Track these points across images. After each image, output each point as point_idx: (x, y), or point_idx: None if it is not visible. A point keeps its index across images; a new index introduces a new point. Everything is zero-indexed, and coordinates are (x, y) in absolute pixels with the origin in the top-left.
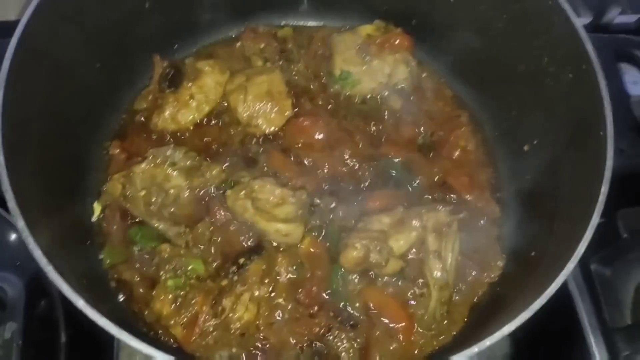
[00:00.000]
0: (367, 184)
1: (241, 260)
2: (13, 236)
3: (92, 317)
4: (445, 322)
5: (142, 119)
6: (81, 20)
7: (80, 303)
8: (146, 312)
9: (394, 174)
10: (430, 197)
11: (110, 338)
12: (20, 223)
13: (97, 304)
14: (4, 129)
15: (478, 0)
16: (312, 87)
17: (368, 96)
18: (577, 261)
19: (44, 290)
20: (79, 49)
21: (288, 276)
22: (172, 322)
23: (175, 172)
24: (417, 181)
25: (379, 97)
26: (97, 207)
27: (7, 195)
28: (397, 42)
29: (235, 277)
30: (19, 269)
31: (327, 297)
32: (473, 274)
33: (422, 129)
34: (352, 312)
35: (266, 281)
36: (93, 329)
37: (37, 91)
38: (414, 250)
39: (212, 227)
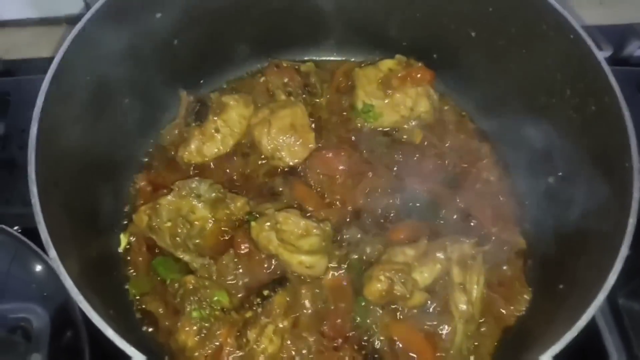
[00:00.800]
0: (390, 216)
1: (265, 292)
2: (39, 267)
3: (120, 346)
4: (471, 357)
5: (169, 152)
6: (112, 57)
7: (110, 332)
8: (171, 344)
9: (417, 206)
10: (454, 229)
11: None
12: (52, 253)
13: (124, 334)
14: (37, 163)
15: (498, 36)
16: (334, 120)
17: (390, 129)
18: (607, 292)
19: (70, 321)
20: (109, 85)
21: (312, 308)
22: (197, 354)
23: (201, 204)
24: (441, 213)
25: (401, 129)
26: (123, 238)
27: (40, 226)
28: (419, 75)
29: (260, 309)
30: (45, 300)
31: (352, 330)
32: (499, 307)
33: (445, 161)
34: (376, 345)
35: (290, 313)
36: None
37: (68, 126)
38: (438, 282)
39: (236, 259)
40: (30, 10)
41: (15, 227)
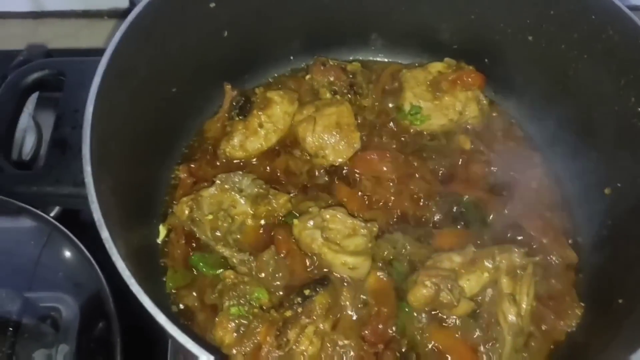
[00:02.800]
0: (435, 221)
1: (306, 292)
2: (71, 255)
3: (173, 334)
4: None
5: (211, 145)
6: (163, 44)
7: (162, 318)
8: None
9: (463, 213)
10: (501, 238)
11: None
12: (105, 234)
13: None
14: (92, 142)
15: (558, 41)
16: (380, 121)
17: (437, 132)
18: None
19: (101, 312)
20: (159, 72)
21: (353, 312)
22: (235, 351)
23: (242, 198)
24: (489, 221)
25: (448, 134)
26: (162, 230)
27: (93, 206)
28: (470, 79)
29: (300, 309)
30: (75, 289)
31: (394, 336)
32: (549, 321)
33: (493, 168)
34: (419, 354)
35: (331, 315)
36: (150, 353)
37: (118, 110)
38: (486, 292)
39: (276, 256)
40: (74, 2)
41: (52, 214)
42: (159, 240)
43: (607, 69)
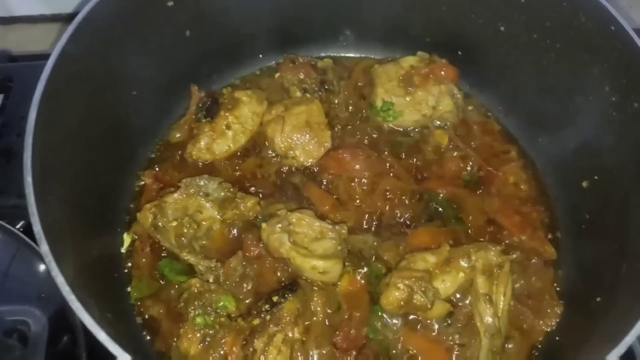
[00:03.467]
0: (410, 220)
1: (275, 298)
2: (40, 268)
3: (113, 352)
4: None
5: (177, 149)
6: (120, 45)
7: (102, 336)
8: (172, 352)
9: (439, 210)
10: (478, 236)
11: None
12: (44, 247)
13: (121, 340)
14: (34, 150)
15: (530, 30)
16: (352, 119)
17: (411, 129)
18: None
19: (68, 325)
20: (117, 75)
21: (324, 317)
22: None
23: (209, 203)
24: (464, 218)
25: (422, 130)
26: (127, 238)
27: (33, 218)
28: (443, 72)
29: (268, 316)
30: (43, 302)
31: (366, 342)
32: (527, 321)
33: (468, 163)
34: (393, 358)
35: (301, 322)
36: None
37: (71, 115)
38: (461, 293)
39: (244, 262)
40: (43, 7)
41: (18, 226)
42: (123, 249)
43: (580, 58)
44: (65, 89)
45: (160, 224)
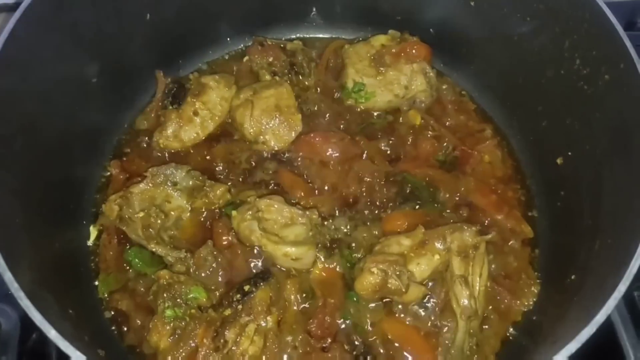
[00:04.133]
0: (384, 203)
1: (246, 287)
2: None
3: (64, 350)
4: (475, 356)
5: (144, 137)
6: (73, 30)
7: (52, 333)
8: (143, 345)
9: (413, 192)
10: (453, 217)
11: None
12: None
13: (82, 335)
14: None
15: (500, 3)
16: (323, 101)
17: (384, 109)
18: (628, 282)
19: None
20: (71, 62)
21: (298, 305)
22: (169, 357)
23: (177, 192)
24: (439, 199)
25: (396, 110)
26: (93, 231)
27: None
28: (414, 51)
29: (240, 306)
30: (13, 299)
31: (342, 328)
32: (504, 301)
33: (443, 143)
34: (369, 344)
35: (274, 310)
36: None
37: (23, 105)
38: (437, 275)
39: (215, 252)
40: None
41: None
42: (90, 243)
43: (551, 31)
44: (15, 78)
45: (126, 215)
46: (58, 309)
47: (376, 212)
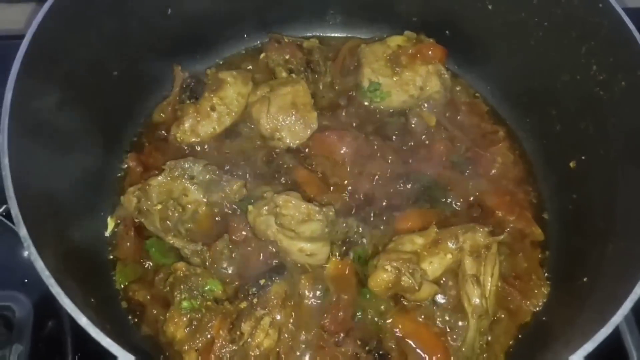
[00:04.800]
0: (397, 202)
1: (262, 281)
2: (25, 252)
3: (95, 337)
4: (485, 354)
5: (161, 131)
6: (99, 25)
7: (83, 320)
8: (159, 336)
9: (426, 192)
10: (466, 217)
11: None
12: (23, 231)
13: (104, 324)
14: (10, 131)
15: (518, 8)
16: (339, 99)
17: (398, 109)
18: None
19: (52, 311)
20: (94, 55)
21: (312, 300)
22: (186, 347)
23: (194, 186)
24: (452, 200)
25: (410, 110)
26: (110, 222)
27: (11, 201)
28: (430, 52)
29: (255, 300)
30: (28, 287)
31: (355, 323)
32: (515, 301)
33: (456, 145)
34: (381, 340)
35: (289, 304)
36: (101, 352)
37: (48, 95)
38: (449, 274)
39: (231, 245)
40: None
41: (0, 210)
42: (107, 233)
43: (567, 36)
44: (42, 69)
45: (144, 207)
46: (82, 297)
47: (389, 210)
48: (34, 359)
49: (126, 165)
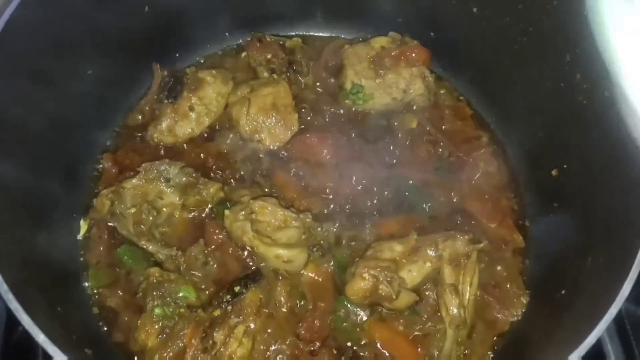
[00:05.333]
0: (378, 207)
1: (237, 288)
2: None
3: (52, 354)
4: None
5: (138, 132)
6: (70, 21)
7: (41, 338)
8: (130, 344)
9: (407, 197)
10: (447, 223)
11: None
12: None
13: (70, 335)
14: None
15: (503, 12)
16: (321, 101)
17: (381, 112)
18: (620, 305)
19: None
20: (67, 53)
21: (288, 308)
22: (157, 356)
23: (170, 189)
24: (433, 206)
25: (393, 113)
26: (83, 225)
27: None
28: (414, 55)
29: (230, 307)
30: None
31: (331, 332)
32: (493, 311)
33: (439, 149)
34: (357, 350)
35: (263, 313)
36: None
37: (15, 98)
38: (428, 283)
39: (206, 251)
40: None
41: None
42: (80, 237)
43: (552, 43)
44: (7, 70)
45: (117, 210)
46: (46, 306)
47: (369, 216)
48: None
49: (101, 166)
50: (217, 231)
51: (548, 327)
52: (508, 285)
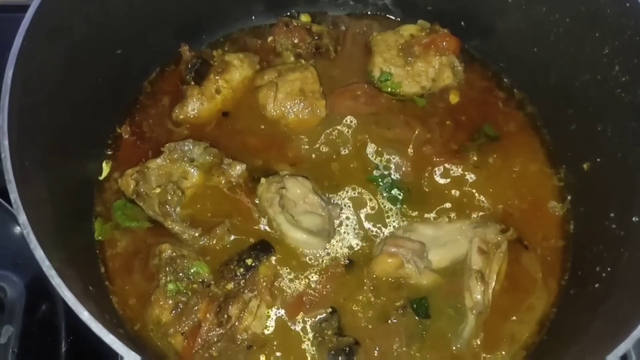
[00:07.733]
0: (406, 192)
1: (249, 261)
2: (17, 230)
3: (96, 332)
4: (483, 354)
5: (161, 106)
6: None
7: (85, 315)
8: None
9: (439, 184)
10: (479, 212)
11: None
12: (22, 218)
13: (103, 315)
14: (11, 111)
15: (538, 1)
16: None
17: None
18: None
19: (46, 293)
20: (100, 32)
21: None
22: (172, 330)
23: (194, 169)
24: (464, 194)
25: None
26: (105, 167)
27: (10, 185)
28: (445, 44)
29: (243, 282)
30: (20, 267)
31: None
32: (518, 302)
33: (470, 138)
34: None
35: (276, 286)
36: (95, 338)
37: (50, 73)
38: (455, 267)
39: (228, 228)
40: None
41: None
42: (101, 178)
43: (590, 35)
44: (44, 45)
45: (142, 190)
46: (82, 286)
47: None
48: (25, 341)
49: (122, 136)
50: (244, 195)
51: (582, 320)
52: (536, 278)
